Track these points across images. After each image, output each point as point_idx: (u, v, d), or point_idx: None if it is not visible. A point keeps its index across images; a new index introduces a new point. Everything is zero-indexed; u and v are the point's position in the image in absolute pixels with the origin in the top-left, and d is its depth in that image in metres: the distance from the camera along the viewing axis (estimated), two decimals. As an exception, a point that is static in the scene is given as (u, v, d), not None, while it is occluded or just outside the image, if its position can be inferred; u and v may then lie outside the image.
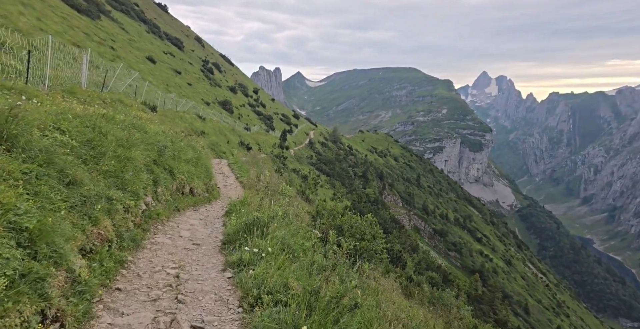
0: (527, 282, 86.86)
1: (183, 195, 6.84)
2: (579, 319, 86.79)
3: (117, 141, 4.97)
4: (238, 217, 5.51)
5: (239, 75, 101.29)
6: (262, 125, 58.04)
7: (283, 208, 5.46)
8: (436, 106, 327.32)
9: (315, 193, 39.40)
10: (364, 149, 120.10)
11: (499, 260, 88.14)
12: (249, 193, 7.27)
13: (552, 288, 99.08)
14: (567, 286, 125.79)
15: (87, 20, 34.81)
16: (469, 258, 75.16)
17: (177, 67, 50.08)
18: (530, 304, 67.79)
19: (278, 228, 4.86)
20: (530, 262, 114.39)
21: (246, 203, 6.40)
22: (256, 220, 4.79)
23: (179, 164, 6.98)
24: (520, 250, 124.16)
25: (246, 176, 11.69)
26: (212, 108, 41.10)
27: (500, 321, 32.65)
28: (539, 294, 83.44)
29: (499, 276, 72.70)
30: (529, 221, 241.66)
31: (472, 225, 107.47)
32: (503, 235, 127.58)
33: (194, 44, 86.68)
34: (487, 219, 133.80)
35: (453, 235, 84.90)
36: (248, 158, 22.37)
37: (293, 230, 5.19)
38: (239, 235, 4.88)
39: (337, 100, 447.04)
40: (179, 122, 20.17)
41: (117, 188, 4.34)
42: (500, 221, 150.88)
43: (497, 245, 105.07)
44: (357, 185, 70.84)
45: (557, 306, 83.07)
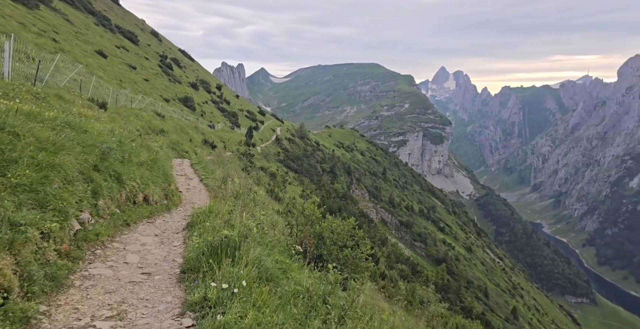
0: (486, 267, 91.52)
1: (135, 205, 5.76)
2: (532, 299, 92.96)
3: (37, 144, 3.85)
4: (201, 234, 4.46)
5: (201, 71, 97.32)
6: (226, 122, 55.99)
7: (258, 222, 4.47)
8: (399, 101, 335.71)
9: (284, 191, 38.52)
10: (331, 144, 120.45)
11: (461, 248, 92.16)
12: (216, 200, 6.23)
13: (508, 271, 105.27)
14: (521, 269, 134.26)
15: (24, 9, 31.37)
16: (434, 247, 77.81)
17: (132, 62, 46.81)
18: (490, 288, 71.44)
19: (252, 248, 3.87)
20: (488, 248, 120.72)
21: (212, 213, 5.38)
22: (224, 240, 3.69)
23: (130, 168, 5.86)
24: (480, 237, 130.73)
25: (211, 177, 10.68)
26: (172, 106, 38.80)
27: (466, 308, 33.82)
28: (496, 278, 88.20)
29: (460, 263, 76.00)
30: (486, 209, 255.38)
31: (436, 215, 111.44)
32: (464, 223, 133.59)
33: (150, 38, 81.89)
34: (449, 209, 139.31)
35: (418, 225, 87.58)
36: (213, 157, 21.11)
37: (269, 245, 4.37)
38: (202, 261, 3.75)
39: (302, 96, 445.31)
40: (134, 120, 18.52)
41: (32, 206, 3.26)
42: (461, 211, 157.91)
43: (459, 233, 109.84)
44: (325, 180, 70.74)
45: (512, 288, 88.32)
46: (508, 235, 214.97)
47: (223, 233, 3.73)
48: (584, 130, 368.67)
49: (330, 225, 5.64)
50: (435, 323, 9.51)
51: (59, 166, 3.82)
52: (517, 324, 59.10)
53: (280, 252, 4.39)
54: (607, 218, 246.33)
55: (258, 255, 3.75)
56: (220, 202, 5.82)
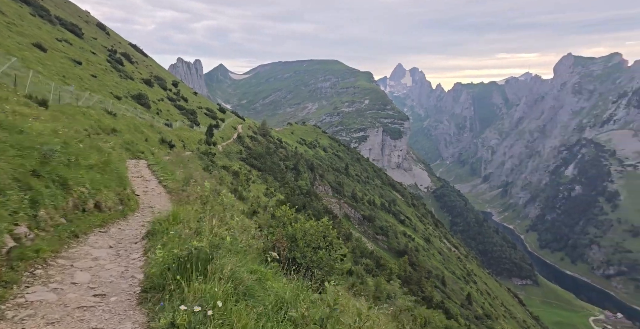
0: (443, 257, 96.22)
1: (85, 213, 5.07)
2: (484, 284, 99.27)
3: None
4: (166, 245, 3.83)
5: (155, 67, 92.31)
6: (185, 120, 53.62)
7: (231, 231, 3.79)
8: (359, 97, 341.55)
9: (248, 190, 37.66)
10: (293, 141, 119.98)
11: (420, 239, 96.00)
12: (179, 205, 5.67)
13: (462, 259, 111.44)
14: (474, 256, 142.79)
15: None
16: (395, 239, 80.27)
17: (76, 56, 43.17)
18: (447, 276, 75.25)
19: (227, 259, 3.36)
20: (445, 238, 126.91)
21: (176, 219, 4.85)
22: (194, 253, 3.15)
23: (78, 172, 5.16)
24: (437, 227, 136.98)
25: (172, 178, 9.98)
26: (124, 103, 36.32)
27: (427, 297, 35.27)
28: (453, 266, 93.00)
29: (420, 253, 79.25)
30: (442, 201, 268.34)
31: (396, 209, 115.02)
32: (422, 215, 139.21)
33: (97, 31, 76.15)
34: (409, 202, 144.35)
35: (380, 219, 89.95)
36: (172, 157, 20.00)
37: (242, 252, 3.87)
38: (168, 278, 3.14)
39: (263, 93, 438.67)
40: (81, 119, 17.00)
41: None
42: (420, 203, 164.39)
43: (418, 225, 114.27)
44: (289, 177, 70.32)
45: (467, 275, 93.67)
46: (462, 224, 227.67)
47: (192, 245, 3.20)
48: (526, 123, 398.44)
49: (303, 227, 5.41)
50: (403, 318, 9.66)
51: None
52: (471, 309, 62.68)
53: (254, 259, 4.02)
54: (547, 205, 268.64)
55: (233, 267, 3.31)
56: (185, 207, 5.27)
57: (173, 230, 4.10)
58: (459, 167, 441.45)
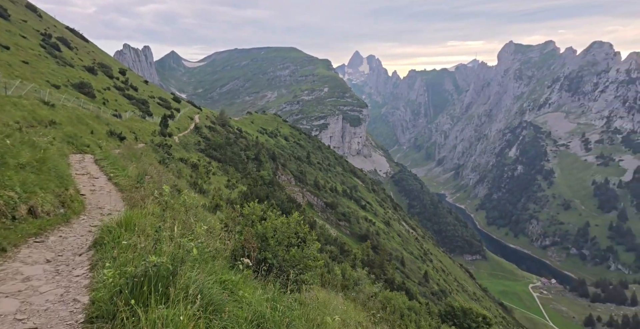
0: (402, 238, 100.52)
1: (15, 221, 4.30)
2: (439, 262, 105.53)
3: None
4: (117, 259, 3.23)
5: (98, 54, 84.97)
6: (135, 110, 50.20)
7: (197, 240, 3.12)
8: (318, 85, 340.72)
9: (208, 182, 36.28)
10: (254, 131, 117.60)
11: (380, 223, 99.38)
12: (133, 208, 4.95)
13: (420, 240, 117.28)
14: (430, 236, 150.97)
15: None
16: (357, 225, 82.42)
17: (3, 40, 38.48)
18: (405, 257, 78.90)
19: (193, 274, 2.79)
20: (403, 220, 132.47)
21: (129, 225, 4.13)
22: (152, 271, 2.57)
23: (4, 173, 4.33)
24: (396, 211, 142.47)
25: (123, 174, 9.08)
26: (64, 93, 33.05)
27: (389, 280, 36.62)
28: (411, 247, 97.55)
29: (381, 237, 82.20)
30: (400, 185, 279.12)
31: (358, 194, 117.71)
32: (382, 199, 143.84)
33: (26, 12, 68.19)
34: (369, 187, 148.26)
35: (342, 205, 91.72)
36: (123, 151, 18.50)
37: (209, 259, 3.39)
38: (119, 303, 2.51)
39: (220, 82, 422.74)
40: (11, 111, 15.10)
41: None
42: (380, 188, 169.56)
43: (378, 209, 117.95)
44: (251, 168, 69.03)
45: (424, 255, 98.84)
46: (419, 206, 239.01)
47: (150, 260, 2.60)
48: (475, 108, 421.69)
49: (273, 224, 5.05)
50: (372, 304, 9.76)
51: None
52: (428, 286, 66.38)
53: (223, 266, 3.56)
54: (494, 184, 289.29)
55: (201, 283, 2.77)
56: (139, 210, 4.59)
57: (126, 240, 3.51)
58: (415, 152, 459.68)
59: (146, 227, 3.91)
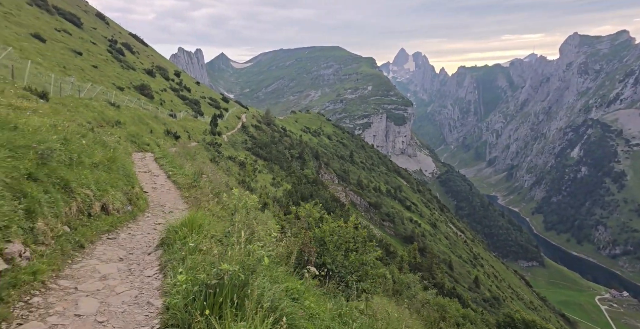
0: (449, 241, 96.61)
1: (91, 218, 4.59)
2: (490, 267, 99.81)
3: None
4: (185, 261, 3.24)
5: (156, 57, 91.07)
6: (189, 110, 53.04)
7: (268, 248, 2.93)
8: (362, 83, 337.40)
9: (255, 180, 37.32)
10: (297, 130, 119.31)
11: (426, 224, 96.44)
12: (196, 209, 5.06)
13: (469, 243, 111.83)
14: (480, 240, 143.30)
15: None
16: (402, 225, 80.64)
17: (77, 47, 42.41)
18: (454, 261, 75.60)
19: (265, 286, 2.67)
20: (451, 222, 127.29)
21: (194, 226, 4.15)
22: (227, 281, 2.49)
23: (81, 172, 4.57)
24: (443, 212, 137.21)
25: (180, 173, 9.50)
26: (127, 94, 35.74)
27: (439, 284, 35.16)
28: (459, 250, 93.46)
29: (427, 239, 79.61)
30: (447, 186, 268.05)
31: (402, 195, 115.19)
32: (428, 200, 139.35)
33: (96, 21, 74.83)
34: (414, 187, 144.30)
35: (386, 205, 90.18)
36: (178, 149, 19.53)
37: (273, 266, 3.25)
38: (195, 312, 2.47)
39: (265, 82, 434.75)
40: (83, 112, 16.51)
41: None
42: (425, 189, 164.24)
43: (424, 210, 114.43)
44: (295, 166, 70.06)
45: (473, 259, 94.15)
46: (467, 208, 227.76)
47: (223, 269, 2.50)
48: (531, 105, 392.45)
49: (332, 227, 4.89)
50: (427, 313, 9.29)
51: None
52: (479, 292, 63.03)
53: (286, 273, 3.46)
54: (553, 187, 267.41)
55: (274, 295, 2.66)
56: (203, 211, 4.68)
57: (192, 241, 3.55)
58: (464, 152, 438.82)
59: (210, 229, 3.96)
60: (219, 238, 3.65)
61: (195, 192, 7.23)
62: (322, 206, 32.76)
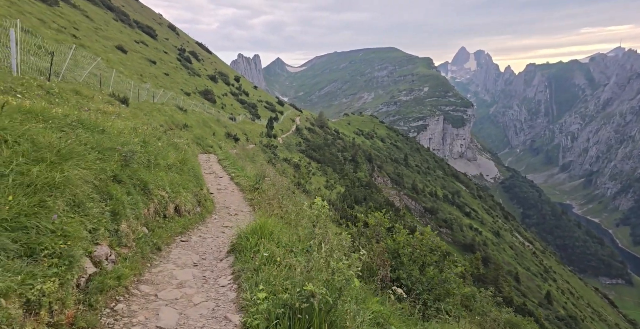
0: (515, 251, 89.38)
1: (165, 219, 4.72)
2: (565, 282, 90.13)
3: (34, 153, 2.72)
4: (260, 275, 3.09)
5: (218, 64, 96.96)
6: (247, 113, 55.43)
7: (354, 265, 2.56)
8: (418, 85, 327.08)
9: (309, 182, 37.73)
10: (350, 132, 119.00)
11: (488, 232, 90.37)
12: (265, 215, 4.99)
13: (538, 255, 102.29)
14: (551, 252, 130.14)
15: (43, 6, 31.14)
16: (460, 233, 76.63)
17: (151, 56, 46.55)
18: (520, 273, 69.56)
19: (350, 306, 2.41)
20: (517, 231, 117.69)
21: (265, 233, 4.02)
22: (314, 304, 2.23)
23: (157, 174, 4.83)
24: (507, 220, 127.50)
25: (243, 175, 9.74)
26: (193, 99, 38.32)
27: (506, 299, 32.37)
28: (527, 262, 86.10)
29: (489, 248, 74.36)
30: (512, 192, 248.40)
31: (461, 200, 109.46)
32: (490, 207, 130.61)
33: (168, 32, 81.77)
34: (474, 193, 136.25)
35: (443, 211, 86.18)
36: (238, 151, 20.32)
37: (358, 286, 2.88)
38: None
39: (319, 85, 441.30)
40: (156, 116, 17.88)
41: (16, 255, 2.06)
42: (487, 194, 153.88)
43: (485, 217, 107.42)
44: (348, 169, 69.79)
45: (544, 272, 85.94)
46: (536, 217, 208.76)
47: (307, 290, 2.24)
48: (617, 105, 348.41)
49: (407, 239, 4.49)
50: None
51: (63, 184, 2.67)
52: (551, 309, 57.22)
53: (367, 292, 3.15)
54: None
55: (362, 323, 2.34)
56: (272, 218, 4.56)
57: (265, 250, 3.43)
58: (532, 156, 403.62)
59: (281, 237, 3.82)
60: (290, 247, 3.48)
61: (259, 196, 7.28)
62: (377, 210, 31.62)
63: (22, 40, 8.46)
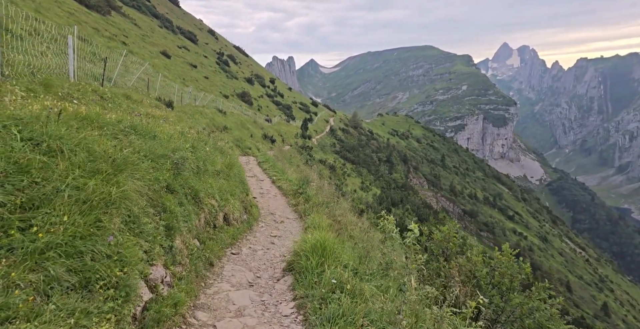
0: (565, 258, 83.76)
1: (216, 230, 4.49)
2: (624, 293, 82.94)
3: (89, 164, 2.51)
4: (329, 307, 2.63)
5: (254, 66, 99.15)
6: (282, 115, 55.99)
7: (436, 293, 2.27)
8: (455, 83, 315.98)
9: (345, 184, 37.28)
10: (385, 133, 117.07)
11: (534, 237, 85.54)
12: (327, 230, 4.57)
13: (592, 262, 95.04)
14: (607, 260, 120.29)
15: (97, 15, 33.19)
16: (503, 237, 73.00)
17: (193, 60, 48.32)
18: (572, 281, 64.81)
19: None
20: (567, 237, 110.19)
21: (327, 252, 3.52)
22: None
23: (206, 181, 4.62)
24: (556, 225, 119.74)
25: (284, 178, 9.53)
26: (231, 101, 39.23)
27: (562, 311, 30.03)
28: (579, 270, 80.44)
29: (535, 253, 70.14)
30: (560, 195, 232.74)
31: (503, 203, 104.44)
32: (536, 210, 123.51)
33: (208, 36, 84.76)
34: (518, 196, 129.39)
35: (484, 214, 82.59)
36: (275, 152, 20.34)
37: None
38: None
39: (352, 85, 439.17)
40: (199, 118, 18.30)
41: (70, 287, 1.83)
42: (532, 197, 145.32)
43: (531, 221, 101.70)
44: (383, 170, 68.55)
45: (599, 282, 79.87)
46: (588, 222, 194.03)
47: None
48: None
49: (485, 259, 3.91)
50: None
51: (119, 199, 2.45)
52: (609, 322, 52.72)
53: None
54: None
55: None
56: (330, 234, 4.10)
57: (332, 274, 3.01)
58: (583, 156, 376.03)
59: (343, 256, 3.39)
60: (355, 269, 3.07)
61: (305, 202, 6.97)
62: (414, 213, 30.72)
63: (78, 47, 8.82)
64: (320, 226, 4.77)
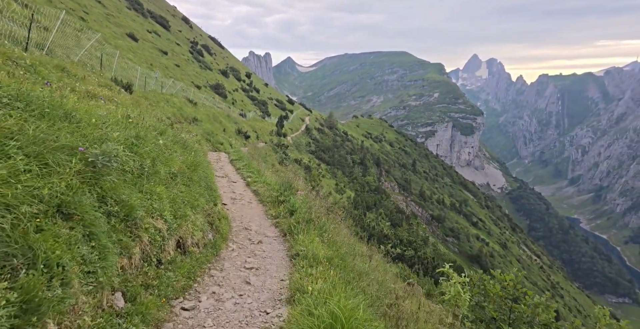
0: (522, 265, 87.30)
1: (160, 268, 2.88)
2: (572, 299, 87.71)
3: None
4: None
5: (230, 59, 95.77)
6: (257, 111, 53.96)
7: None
8: (428, 90, 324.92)
9: (320, 185, 36.06)
10: (359, 135, 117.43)
11: (495, 244, 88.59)
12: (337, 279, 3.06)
13: (546, 269, 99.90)
14: (559, 267, 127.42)
15: (52, -12, 29.81)
16: (467, 243, 75.02)
17: (163, 47, 45.21)
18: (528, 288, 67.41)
19: None
20: (524, 244, 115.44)
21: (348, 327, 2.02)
22: None
23: (153, 190, 3.10)
24: (515, 232, 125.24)
25: (261, 180, 8.06)
26: (203, 92, 36.84)
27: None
28: (534, 276, 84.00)
29: (495, 260, 72.40)
30: (519, 203, 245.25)
31: (468, 209, 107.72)
32: (498, 218, 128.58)
33: (181, 24, 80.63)
34: (482, 203, 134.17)
35: (450, 220, 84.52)
36: (249, 149, 18.70)
37: None
38: None
39: (328, 86, 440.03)
40: (164, 107, 16.32)
41: None
42: (495, 205, 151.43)
43: (493, 228, 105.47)
44: (357, 172, 68.18)
45: (551, 288, 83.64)
46: (542, 230, 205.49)
47: None
48: (631, 120, 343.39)
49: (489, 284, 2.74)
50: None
51: None
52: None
53: None
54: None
55: None
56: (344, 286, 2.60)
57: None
58: (540, 167, 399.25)
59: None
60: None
61: (288, 215, 5.47)
62: (387, 217, 29.87)
63: (11, 10, 6.92)
64: (317, 260, 3.38)
